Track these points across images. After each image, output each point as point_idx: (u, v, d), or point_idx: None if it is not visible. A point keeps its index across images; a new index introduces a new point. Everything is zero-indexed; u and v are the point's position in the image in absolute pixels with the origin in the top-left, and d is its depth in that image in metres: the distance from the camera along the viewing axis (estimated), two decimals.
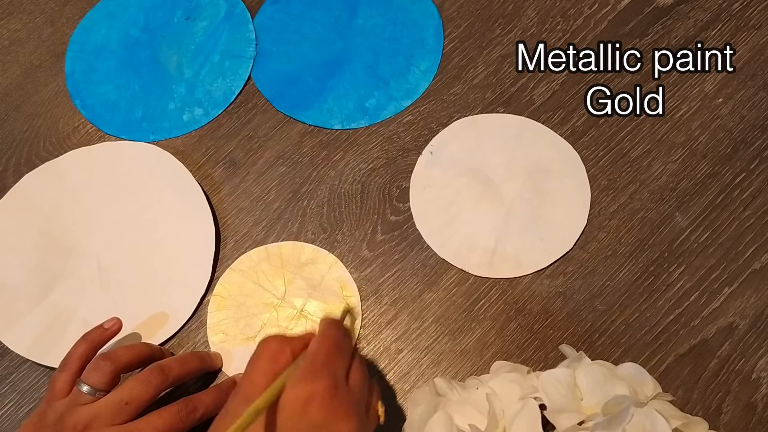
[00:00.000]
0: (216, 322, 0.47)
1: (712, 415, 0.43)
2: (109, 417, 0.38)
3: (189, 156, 0.53)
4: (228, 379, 0.45)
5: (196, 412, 0.40)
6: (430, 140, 0.51)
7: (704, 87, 0.52)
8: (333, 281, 0.48)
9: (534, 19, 0.55)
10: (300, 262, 0.49)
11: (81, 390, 0.39)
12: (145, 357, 0.42)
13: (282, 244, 0.49)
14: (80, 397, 0.39)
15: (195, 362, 0.43)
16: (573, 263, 0.47)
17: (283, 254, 0.49)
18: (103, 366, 0.39)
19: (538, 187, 0.49)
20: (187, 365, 0.42)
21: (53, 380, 0.40)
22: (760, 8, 0.54)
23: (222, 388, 0.43)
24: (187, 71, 0.55)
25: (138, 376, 0.40)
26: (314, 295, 0.47)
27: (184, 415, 0.40)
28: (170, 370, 0.41)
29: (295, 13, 0.57)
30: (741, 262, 0.46)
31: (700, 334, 0.45)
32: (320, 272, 0.48)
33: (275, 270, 0.48)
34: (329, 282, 0.48)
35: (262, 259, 0.49)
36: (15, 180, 0.52)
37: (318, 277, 0.48)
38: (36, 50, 0.58)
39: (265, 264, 0.49)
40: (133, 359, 0.41)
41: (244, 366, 0.35)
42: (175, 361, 0.42)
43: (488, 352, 0.45)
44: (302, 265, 0.48)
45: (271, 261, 0.49)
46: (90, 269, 0.49)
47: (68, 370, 0.40)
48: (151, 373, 0.40)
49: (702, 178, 0.49)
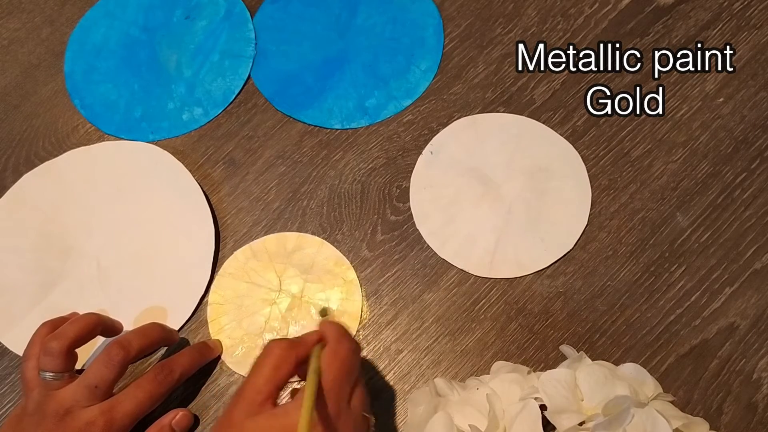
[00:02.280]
0: (219, 329, 0.47)
1: (712, 415, 0.43)
2: (85, 401, 0.38)
3: (188, 156, 0.52)
4: (199, 342, 0.45)
5: (173, 373, 0.40)
6: (430, 140, 0.51)
7: (705, 87, 0.52)
8: (324, 260, 0.48)
9: (534, 19, 0.55)
10: (287, 251, 0.49)
11: (45, 378, 0.39)
12: (92, 326, 0.41)
13: (265, 239, 0.49)
14: (49, 384, 0.39)
15: (157, 331, 0.43)
16: (573, 263, 0.47)
17: (268, 248, 0.49)
18: (51, 349, 0.39)
19: (538, 187, 0.49)
20: (148, 336, 0.42)
21: (22, 371, 0.40)
22: (761, 8, 0.53)
23: (197, 348, 0.43)
24: (187, 71, 0.55)
25: (98, 357, 0.39)
26: (309, 279, 0.48)
27: (161, 378, 0.40)
28: (129, 343, 0.40)
29: (295, 12, 0.57)
30: (742, 262, 0.46)
31: (701, 334, 0.45)
32: (310, 256, 0.48)
33: (264, 265, 0.48)
34: (321, 262, 0.48)
35: (248, 258, 0.49)
36: (14, 180, 0.52)
37: (309, 261, 0.48)
38: (35, 50, 0.58)
39: (252, 262, 0.49)
40: (80, 331, 0.40)
41: None
42: (133, 334, 0.41)
43: (488, 353, 0.45)
44: (290, 254, 0.49)
45: (258, 257, 0.49)
46: (89, 269, 0.49)
47: (33, 356, 0.40)
48: (110, 352, 0.39)
49: (703, 177, 0.49)
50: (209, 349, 0.45)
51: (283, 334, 0.47)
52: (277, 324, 0.47)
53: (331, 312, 0.38)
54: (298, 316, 0.47)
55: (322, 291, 0.47)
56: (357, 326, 0.46)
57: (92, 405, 0.38)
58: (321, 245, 0.49)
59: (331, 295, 0.47)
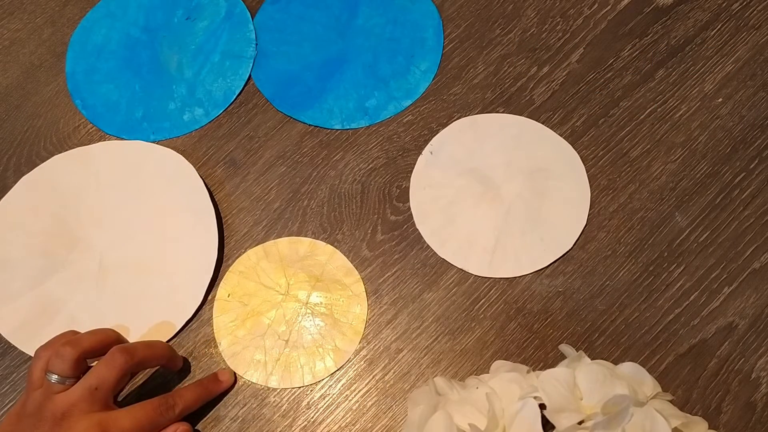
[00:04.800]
0: (222, 326, 0.47)
1: (711, 414, 0.43)
2: (85, 404, 0.38)
3: (189, 156, 0.53)
4: (210, 375, 0.45)
5: (175, 407, 0.41)
6: (430, 140, 0.51)
7: (704, 87, 0.52)
8: (335, 270, 0.48)
9: (534, 20, 0.55)
10: (299, 256, 0.49)
11: (50, 380, 0.39)
12: (109, 341, 0.41)
13: (279, 241, 0.49)
14: (52, 387, 0.39)
15: (163, 347, 0.43)
16: (573, 263, 0.47)
17: (281, 251, 0.49)
18: (64, 353, 0.39)
19: (538, 187, 0.49)
20: (153, 348, 0.42)
21: (30, 369, 0.40)
22: (760, 8, 0.54)
23: (203, 384, 0.43)
24: (188, 71, 0.56)
25: (102, 359, 0.40)
26: (318, 286, 0.48)
27: (163, 410, 0.40)
28: (135, 350, 0.40)
29: (295, 13, 0.57)
30: (740, 261, 0.47)
31: (700, 333, 0.45)
32: (321, 263, 0.48)
33: (275, 267, 0.49)
34: (331, 271, 0.48)
35: (260, 258, 0.49)
36: (15, 180, 0.52)
37: (319, 268, 0.48)
38: (36, 50, 0.58)
39: (264, 262, 0.49)
40: (95, 344, 0.40)
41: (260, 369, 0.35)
42: (141, 344, 0.42)
43: (488, 352, 0.46)
44: (302, 259, 0.49)
45: (269, 259, 0.49)
46: (90, 265, 0.49)
47: (44, 357, 0.40)
48: (114, 354, 0.40)
49: (701, 177, 0.49)
50: (217, 384, 0.44)
51: (285, 338, 0.47)
52: (279, 329, 0.47)
53: None
54: (302, 321, 0.47)
55: (328, 300, 0.47)
56: (359, 339, 0.46)
57: (91, 411, 0.38)
58: (333, 254, 0.48)
59: (336, 306, 0.47)
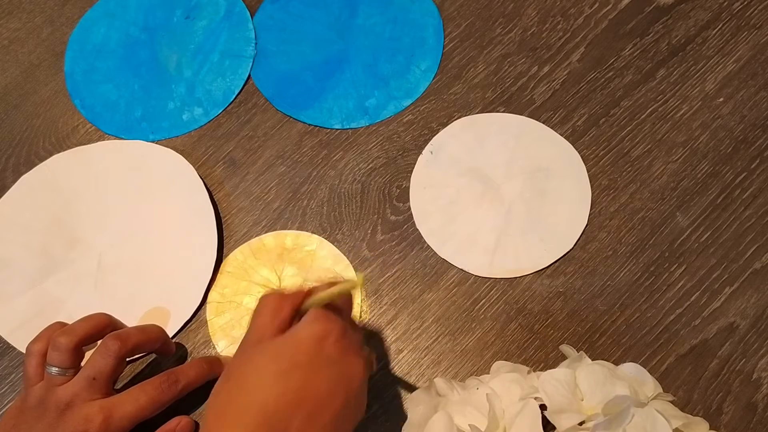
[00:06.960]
0: (218, 327, 0.47)
1: (712, 415, 0.43)
2: (86, 393, 0.38)
3: (189, 156, 0.52)
4: (212, 356, 0.45)
5: (177, 383, 0.41)
6: (430, 140, 0.51)
7: (705, 86, 0.52)
8: (323, 259, 0.48)
9: (534, 19, 0.55)
10: (286, 249, 0.49)
11: (50, 373, 0.39)
12: (102, 326, 0.41)
13: (263, 237, 0.49)
14: (53, 379, 0.39)
15: (156, 331, 0.43)
16: (573, 263, 0.47)
17: (266, 246, 0.49)
18: (59, 344, 0.39)
19: (538, 187, 0.49)
20: (146, 333, 0.42)
21: (25, 366, 0.40)
22: (761, 7, 0.54)
23: (206, 361, 0.43)
24: (187, 71, 0.55)
25: (96, 349, 0.40)
26: (309, 277, 0.48)
27: (166, 387, 0.40)
28: (128, 336, 0.40)
29: (295, 12, 0.57)
30: (742, 261, 0.46)
31: (701, 334, 0.45)
32: (309, 254, 0.49)
33: (263, 263, 0.49)
34: (320, 261, 0.48)
35: (247, 257, 0.49)
36: (14, 180, 0.52)
37: (308, 259, 0.48)
38: (35, 50, 0.58)
39: (251, 260, 0.49)
40: (90, 330, 0.40)
41: None
42: (133, 329, 0.42)
43: (488, 352, 0.45)
44: (289, 252, 0.49)
45: (256, 256, 0.49)
46: (89, 265, 0.49)
47: (37, 352, 0.40)
48: (107, 343, 0.40)
49: (703, 177, 0.49)
50: (219, 364, 0.44)
51: None
52: None
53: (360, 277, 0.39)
54: None
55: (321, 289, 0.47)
56: None
57: (93, 399, 0.38)
58: (319, 243, 0.49)
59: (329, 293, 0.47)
